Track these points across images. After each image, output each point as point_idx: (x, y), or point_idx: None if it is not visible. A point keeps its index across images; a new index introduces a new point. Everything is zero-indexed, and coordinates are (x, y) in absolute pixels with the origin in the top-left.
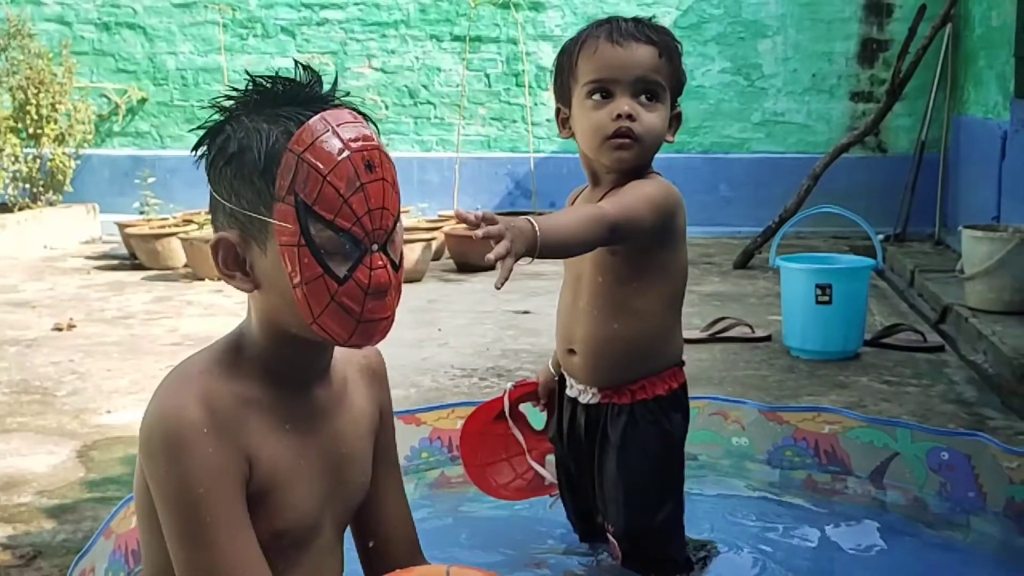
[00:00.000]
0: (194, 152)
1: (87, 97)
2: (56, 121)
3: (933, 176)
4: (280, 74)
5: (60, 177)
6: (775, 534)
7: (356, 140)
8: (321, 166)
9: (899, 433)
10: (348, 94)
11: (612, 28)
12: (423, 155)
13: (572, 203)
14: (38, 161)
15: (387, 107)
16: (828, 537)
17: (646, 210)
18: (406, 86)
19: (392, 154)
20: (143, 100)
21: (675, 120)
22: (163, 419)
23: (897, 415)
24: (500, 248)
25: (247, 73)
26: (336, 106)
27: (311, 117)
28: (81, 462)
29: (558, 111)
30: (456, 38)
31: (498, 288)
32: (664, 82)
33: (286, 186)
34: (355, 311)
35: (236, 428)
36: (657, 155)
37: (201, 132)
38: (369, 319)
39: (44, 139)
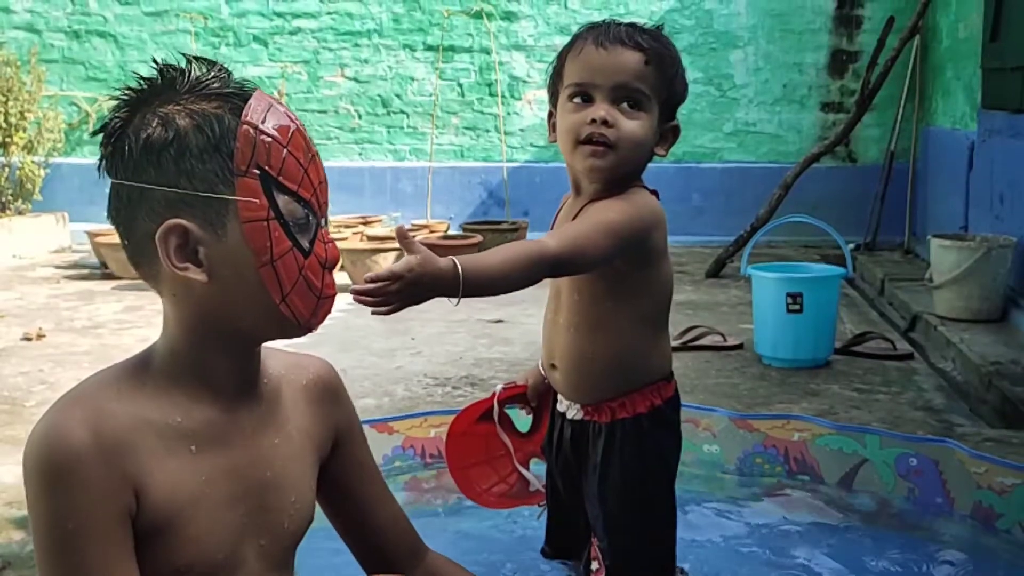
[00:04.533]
0: (104, 148)
1: (57, 105)
2: (25, 129)
3: (902, 186)
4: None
5: (29, 186)
6: (746, 542)
7: (293, 116)
8: (280, 138)
9: (868, 440)
10: (247, 81)
11: (601, 31)
12: (396, 164)
13: (561, 208)
14: (7, 170)
15: (360, 116)
16: (798, 544)
17: (602, 239)
18: (379, 95)
19: (365, 163)
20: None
21: (671, 133)
22: (41, 444)
23: (867, 422)
24: (376, 300)
25: (154, 61)
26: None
27: (246, 95)
28: None
29: (550, 114)
30: (429, 47)
31: (373, 314)
32: (649, 91)
33: (247, 160)
34: (316, 286)
35: (124, 453)
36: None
37: (110, 128)
38: (326, 295)
39: (13, 147)
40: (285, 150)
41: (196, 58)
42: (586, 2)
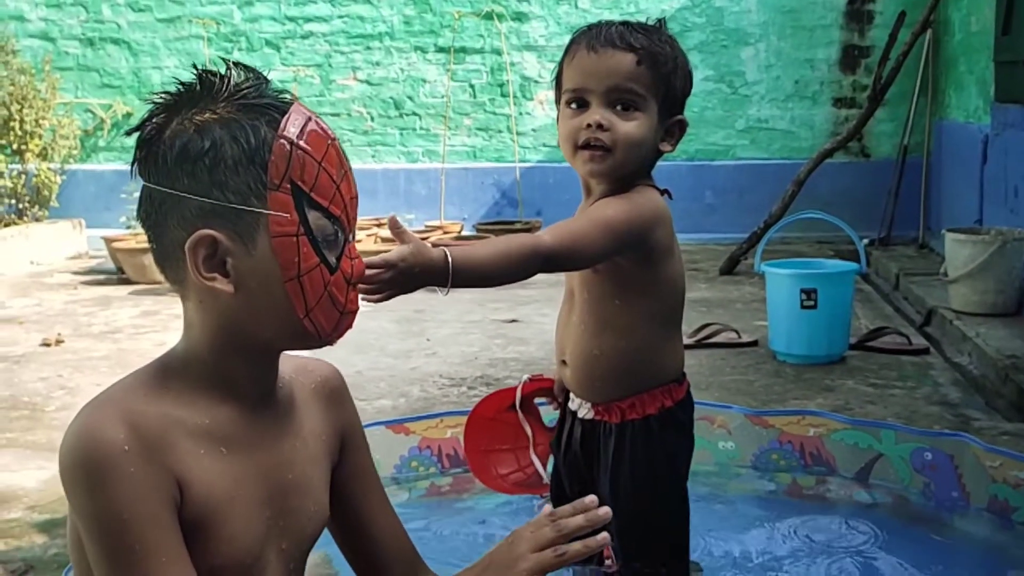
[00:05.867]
0: (138, 151)
1: (72, 112)
2: (40, 137)
3: (916, 180)
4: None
5: (46, 193)
6: (762, 537)
7: (329, 131)
8: (315, 153)
9: (883, 435)
10: (285, 91)
11: (593, 34)
12: (409, 166)
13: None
14: (23, 177)
15: (373, 119)
16: (815, 539)
17: (597, 235)
18: (391, 98)
19: (378, 165)
20: (128, 115)
21: (677, 128)
22: (80, 442)
23: (883, 417)
24: (369, 288)
25: (193, 67)
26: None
27: (284, 108)
28: None
29: (558, 117)
30: (440, 49)
31: (364, 301)
32: (643, 90)
33: (281, 174)
34: (340, 302)
35: (163, 448)
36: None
37: (142, 132)
38: (350, 310)
39: (28, 155)
40: (319, 166)
41: (236, 64)
42: (596, 1)
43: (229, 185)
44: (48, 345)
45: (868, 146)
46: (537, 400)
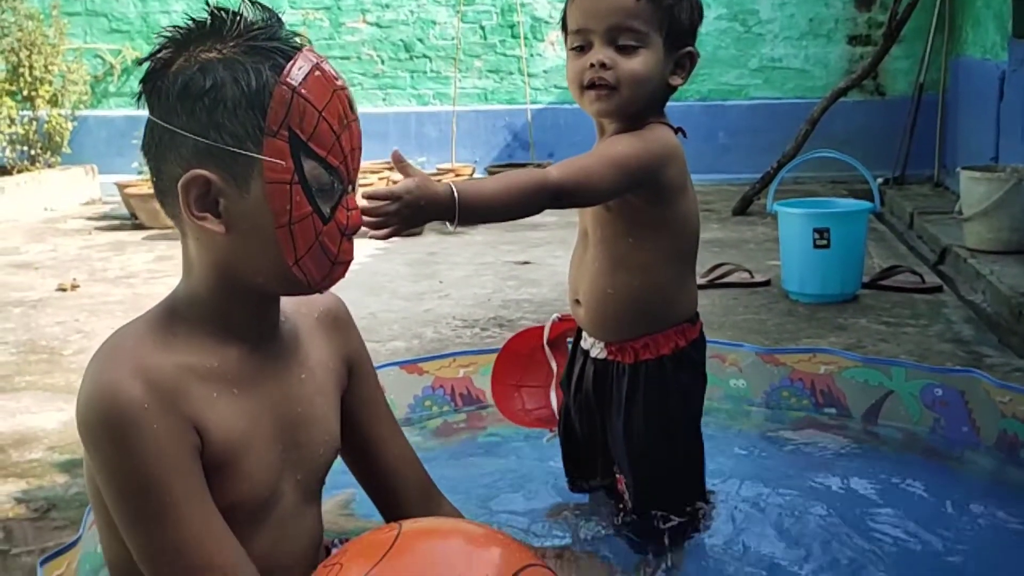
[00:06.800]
0: (143, 83)
1: (81, 58)
2: (50, 83)
3: (932, 118)
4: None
5: (58, 139)
6: (773, 475)
7: (337, 79)
8: (316, 102)
9: (894, 372)
10: (297, 34)
11: None
12: (420, 109)
13: None
14: (35, 123)
15: (383, 62)
16: (825, 476)
17: (606, 171)
18: (401, 40)
19: (389, 109)
20: (138, 60)
21: (687, 60)
22: (99, 401)
23: (895, 355)
24: (375, 220)
25: (206, 3)
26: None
27: (290, 52)
28: None
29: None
30: None
31: (371, 237)
32: (644, 26)
33: (279, 121)
34: (332, 252)
35: (179, 399)
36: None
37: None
38: (342, 261)
39: (39, 101)
40: (319, 115)
41: (252, 2)
42: None
43: (226, 127)
44: (64, 290)
45: (883, 84)
46: (570, 340)
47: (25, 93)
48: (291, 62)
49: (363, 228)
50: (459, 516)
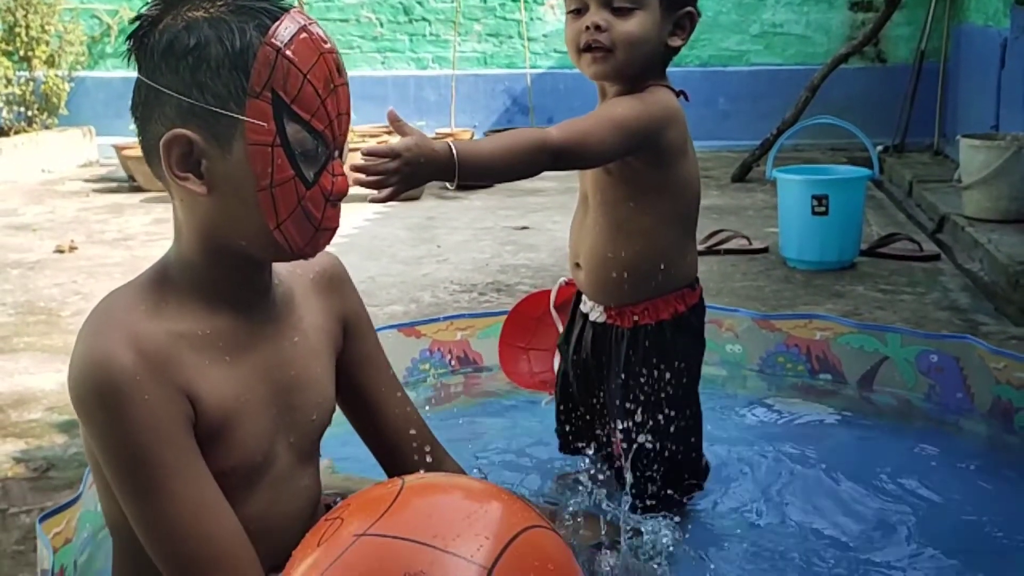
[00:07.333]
0: (130, 40)
1: (78, 18)
2: (47, 43)
3: (933, 86)
4: None
5: (55, 100)
6: (768, 440)
7: (326, 41)
8: (300, 64)
9: (889, 338)
10: None
11: None
12: (419, 73)
13: None
14: (31, 84)
15: (382, 24)
16: (820, 439)
17: (606, 132)
18: (401, 3)
19: (388, 72)
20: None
21: (687, 21)
22: (91, 370)
23: (892, 322)
24: (374, 179)
25: None
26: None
27: (278, 13)
28: None
29: None
30: None
31: (371, 201)
32: None
33: (263, 82)
34: (315, 218)
35: (171, 368)
36: None
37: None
38: (326, 227)
39: (36, 61)
40: (304, 78)
41: None
42: None
43: (209, 87)
44: (62, 252)
45: (884, 51)
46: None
47: (21, 53)
48: (277, 23)
49: (363, 189)
50: (462, 474)
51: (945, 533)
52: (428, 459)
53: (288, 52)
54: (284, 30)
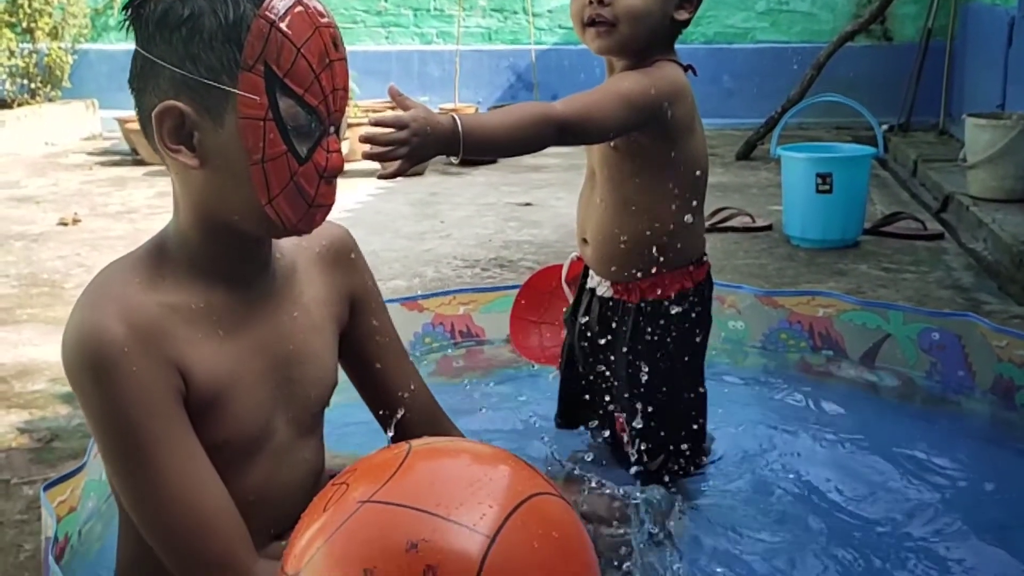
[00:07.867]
0: (126, 10)
1: None
2: (50, 15)
3: (939, 64)
4: None
5: (58, 72)
6: (771, 416)
7: (323, 15)
8: (295, 37)
9: (891, 315)
10: None
11: None
12: (423, 48)
13: None
14: (35, 56)
15: None
16: (822, 417)
17: (611, 106)
18: None
19: (392, 47)
20: None
21: None
22: (82, 342)
23: (894, 301)
24: (383, 150)
25: None
26: None
27: None
28: None
29: None
30: None
31: (379, 178)
32: None
33: (256, 55)
34: (309, 194)
35: (162, 341)
36: None
37: None
38: (320, 204)
39: (39, 33)
40: (297, 52)
41: None
42: None
43: (202, 59)
44: (65, 224)
45: (891, 29)
46: None
47: (24, 25)
48: None
49: (366, 163)
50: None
51: (947, 510)
52: (434, 431)
53: (282, 25)
54: (279, 3)
